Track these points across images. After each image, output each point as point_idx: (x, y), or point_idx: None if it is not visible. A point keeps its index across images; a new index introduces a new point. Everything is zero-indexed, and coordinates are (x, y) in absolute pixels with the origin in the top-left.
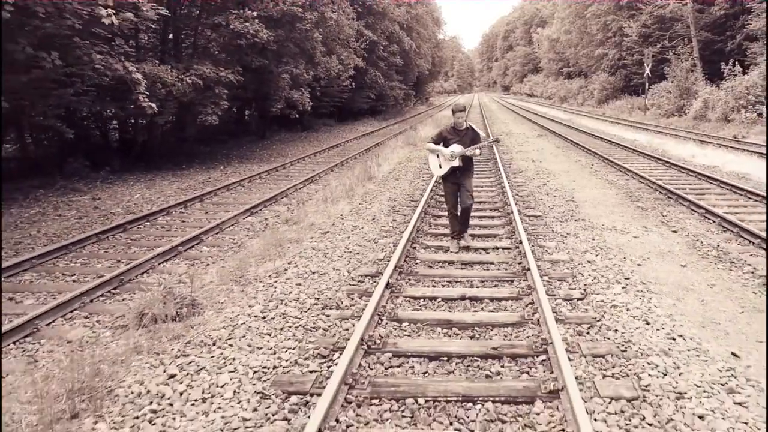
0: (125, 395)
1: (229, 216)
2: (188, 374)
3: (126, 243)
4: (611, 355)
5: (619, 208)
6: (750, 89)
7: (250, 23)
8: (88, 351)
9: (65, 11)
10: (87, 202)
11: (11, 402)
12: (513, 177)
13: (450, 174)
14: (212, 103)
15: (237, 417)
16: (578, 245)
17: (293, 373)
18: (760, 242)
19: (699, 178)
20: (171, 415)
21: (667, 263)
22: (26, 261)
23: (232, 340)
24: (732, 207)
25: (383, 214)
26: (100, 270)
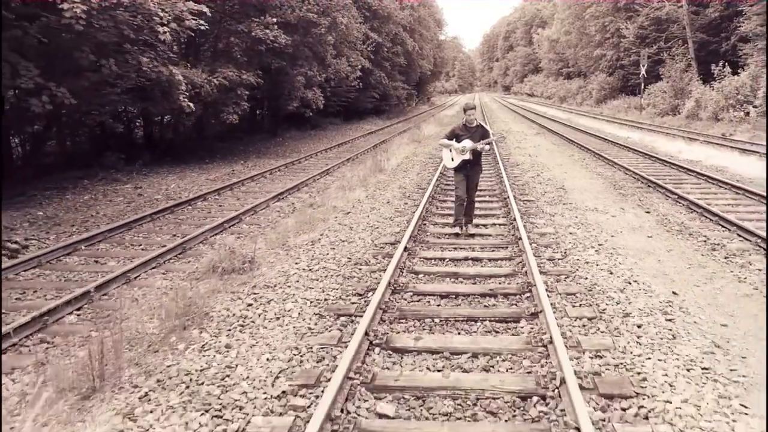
0: (218, 317)
1: (259, 201)
2: (261, 304)
3: (176, 222)
4: (580, 293)
5: (603, 194)
6: (739, 89)
7: (270, 29)
8: (179, 291)
9: (122, 23)
10: (130, 190)
11: (133, 322)
12: (510, 169)
13: (461, 166)
14: (233, 103)
15: (304, 327)
16: (563, 222)
17: (340, 304)
18: (717, 219)
19: (680, 171)
20: (255, 327)
21: (636, 235)
22: (99, 234)
23: (289, 284)
24: (703, 194)
25: (396, 199)
26: (161, 241)
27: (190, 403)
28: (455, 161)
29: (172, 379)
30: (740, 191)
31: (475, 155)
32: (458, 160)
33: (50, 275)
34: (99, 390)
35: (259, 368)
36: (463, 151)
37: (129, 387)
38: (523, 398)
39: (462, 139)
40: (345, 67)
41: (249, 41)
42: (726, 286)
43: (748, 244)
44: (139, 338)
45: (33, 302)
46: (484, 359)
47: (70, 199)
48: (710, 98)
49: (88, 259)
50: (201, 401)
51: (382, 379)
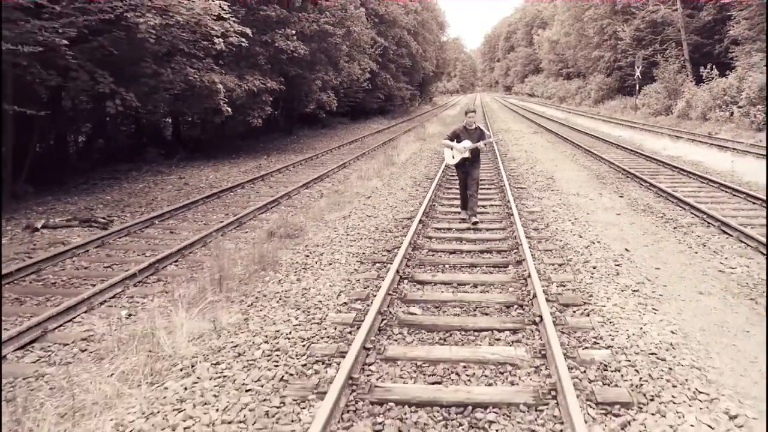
0: (285, 264)
1: (290, 189)
2: (316, 255)
3: (224, 204)
4: (554, 249)
5: (586, 183)
6: (726, 90)
7: (291, 40)
8: (255, 247)
9: (179, 38)
10: (176, 180)
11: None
12: (508, 163)
13: (461, 164)
14: (259, 107)
15: (351, 269)
16: (549, 203)
17: (374, 256)
18: (677, 202)
19: (658, 164)
20: (315, 269)
21: (607, 213)
22: (166, 213)
23: (333, 244)
24: (673, 183)
25: (408, 187)
26: (218, 218)
27: (286, 305)
28: (455, 159)
29: (267, 296)
30: (705, 181)
31: (474, 154)
32: (458, 158)
33: (140, 241)
34: (216, 302)
35: (326, 290)
36: (464, 150)
37: (238, 300)
38: (507, 306)
39: (462, 140)
40: (356, 71)
41: (272, 50)
42: (667, 246)
43: (697, 220)
44: (231, 276)
45: (138, 257)
46: (481, 287)
47: (127, 187)
48: (699, 99)
49: (164, 231)
50: (293, 305)
51: (411, 296)
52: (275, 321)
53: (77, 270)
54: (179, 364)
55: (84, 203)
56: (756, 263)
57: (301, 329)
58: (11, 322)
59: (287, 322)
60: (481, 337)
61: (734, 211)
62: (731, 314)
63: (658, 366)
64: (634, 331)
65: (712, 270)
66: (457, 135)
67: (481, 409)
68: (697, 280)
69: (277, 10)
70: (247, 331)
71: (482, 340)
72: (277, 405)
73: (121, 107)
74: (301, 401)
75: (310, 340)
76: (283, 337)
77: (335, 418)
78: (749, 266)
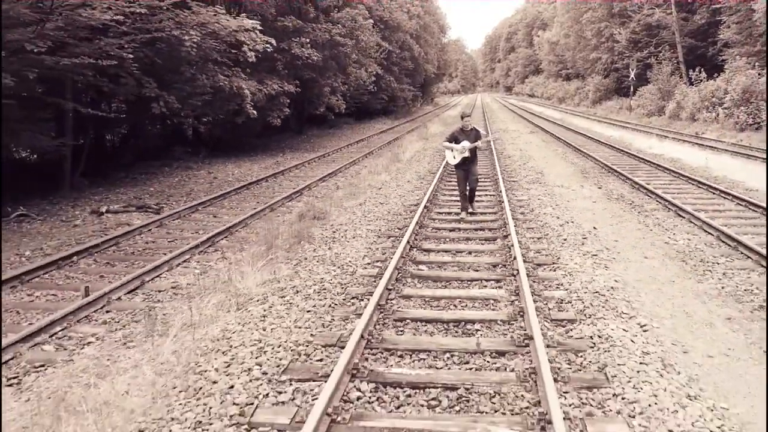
0: (317, 238)
1: (309, 182)
2: (342, 232)
3: (254, 195)
4: (535, 227)
5: (572, 177)
6: (714, 93)
7: (305, 48)
8: (286, 227)
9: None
10: (205, 174)
11: (263, 242)
12: (503, 160)
13: (461, 163)
14: (278, 109)
15: (371, 240)
16: (536, 193)
17: (389, 232)
18: (647, 192)
19: (640, 161)
20: (342, 242)
21: (585, 201)
22: (205, 201)
23: (354, 223)
24: (649, 177)
25: (413, 180)
26: (251, 206)
27: (324, 263)
28: (456, 159)
29: (308, 258)
30: (677, 175)
31: (472, 153)
32: (459, 158)
33: (190, 223)
34: (271, 261)
35: (353, 254)
36: (463, 150)
37: (286, 261)
38: (493, 266)
39: (460, 141)
40: (363, 75)
41: (288, 57)
42: (629, 225)
43: (660, 206)
44: (277, 246)
45: (193, 234)
46: (474, 253)
47: (164, 180)
48: (689, 100)
49: (207, 215)
50: (329, 263)
51: (419, 259)
52: (319, 273)
53: (147, 243)
54: (255, 298)
55: (132, 193)
56: (697, 237)
57: (338, 278)
58: (110, 278)
59: (327, 274)
60: (473, 284)
61: (694, 199)
62: (664, 271)
63: (599, 300)
64: (587, 280)
65: (660, 242)
66: (456, 137)
67: (470, 323)
68: (645, 249)
69: (294, 21)
70: (299, 278)
71: (473, 286)
72: (329, 320)
73: (165, 109)
74: (345, 318)
75: (347, 285)
76: (327, 282)
77: (370, 327)
78: (690, 240)
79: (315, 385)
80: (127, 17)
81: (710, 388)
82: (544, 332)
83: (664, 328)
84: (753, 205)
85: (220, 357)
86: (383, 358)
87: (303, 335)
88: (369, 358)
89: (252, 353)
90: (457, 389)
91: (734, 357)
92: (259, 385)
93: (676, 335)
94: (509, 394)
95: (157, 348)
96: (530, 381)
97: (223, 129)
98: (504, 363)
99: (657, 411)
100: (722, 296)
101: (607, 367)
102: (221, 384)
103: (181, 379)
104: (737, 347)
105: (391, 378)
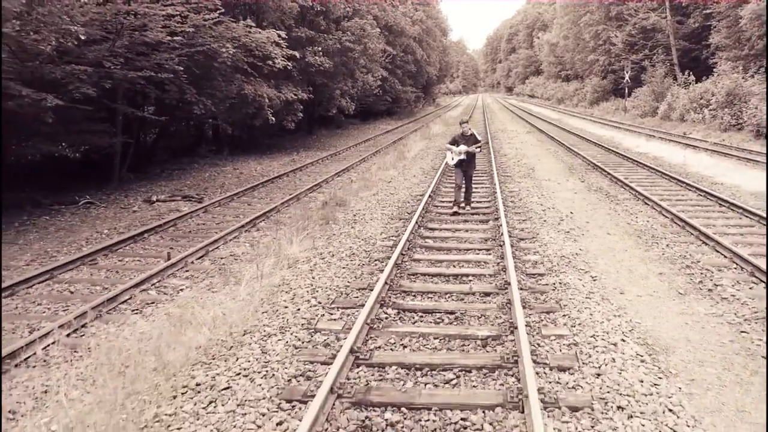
0: (341, 219)
1: (326, 177)
2: (361, 215)
3: (279, 187)
4: (521, 212)
5: (559, 173)
6: (703, 95)
7: (318, 56)
8: (314, 212)
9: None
10: (231, 170)
11: (297, 223)
12: (499, 158)
13: (459, 164)
14: (292, 113)
15: (386, 222)
16: (525, 186)
17: (400, 215)
18: (623, 185)
19: (624, 159)
20: (362, 223)
21: (568, 192)
22: (238, 193)
23: (371, 209)
24: (629, 172)
25: (419, 175)
26: (280, 196)
27: (350, 237)
28: (455, 160)
29: (336, 234)
30: (653, 171)
31: (469, 155)
32: (457, 159)
33: (230, 210)
34: (308, 235)
35: (373, 231)
36: (461, 153)
37: (320, 236)
38: (485, 239)
39: (460, 144)
40: (370, 80)
41: (303, 64)
42: (600, 211)
43: (631, 196)
44: (309, 227)
45: (235, 218)
46: (470, 231)
47: (196, 175)
48: (680, 101)
49: (243, 204)
50: (354, 237)
51: (425, 234)
52: (347, 243)
53: (199, 225)
54: (301, 260)
55: (173, 185)
56: (655, 220)
57: (363, 247)
58: (178, 249)
59: (354, 244)
60: (469, 251)
61: (662, 191)
62: (621, 243)
63: (564, 261)
64: (558, 248)
65: (623, 223)
66: (456, 141)
67: (465, 276)
68: (609, 228)
69: (308, 32)
70: (332, 247)
71: (469, 252)
72: (360, 274)
73: (203, 111)
74: (371, 273)
75: (370, 252)
76: (354, 250)
77: (390, 280)
78: (648, 221)
79: (355, 310)
80: (177, 35)
81: (632, 312)
82: (520, 281)
83: (609, 279)
84: (711, 196)
85: (284, 295)
86: (402, 296)
87: (342, 282)
88: (391, 296)
89: (307, 292)
90: (455, 314)
91: (656, 296)
92: (316, 310)
93: (617, 283)
94: (491, 316)
95: (234, 292)
96: (506, 308)
97: (242, 129)
98: (489, 299)
99: (590, 322)
100: (661, 260)
101: (561, 300)
102: (290, 309)
103: (260, 307)
104: (660, 291)
105: (408, 306)
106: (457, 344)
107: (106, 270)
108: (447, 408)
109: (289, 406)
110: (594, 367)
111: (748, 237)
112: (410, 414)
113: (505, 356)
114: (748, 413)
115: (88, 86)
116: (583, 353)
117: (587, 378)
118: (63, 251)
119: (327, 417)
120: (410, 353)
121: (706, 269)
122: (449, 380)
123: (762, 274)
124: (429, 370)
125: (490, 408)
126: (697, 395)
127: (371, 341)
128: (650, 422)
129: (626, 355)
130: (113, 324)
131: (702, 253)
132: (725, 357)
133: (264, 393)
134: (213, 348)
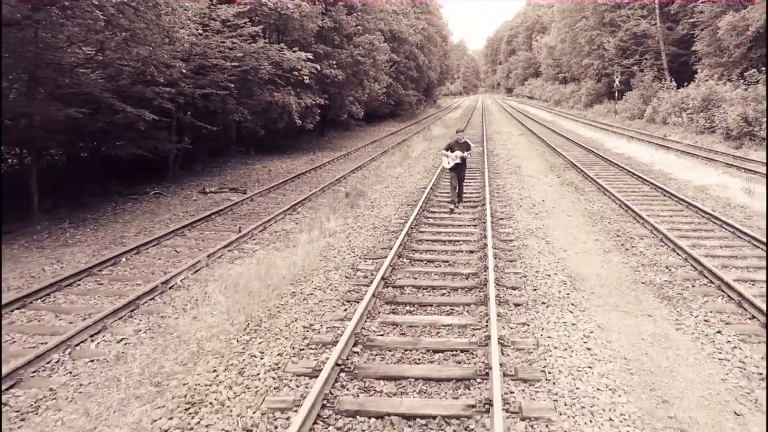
0: (362, 205)
1: (344, 173)
2: (376, 201)
3: (305, 182)
4: (503, 201)
5: (541, 171)
6: (684, 99)
7: (332, 69)
8: (340, 200)
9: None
10: (261, 168)
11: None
12: (492, 158)
13: (453, 167)
14: (311, 117)
15: (397, 207)
16: (510, 181)
17: (407, 202)
18: (592, 181)
19: (601, 159)
20: (379, 208)
21: (543, 185)
22: (274, 186)
23: (385, 198)
24: (601, 170)
25: (422, 172)
26: (308, 188)
27: (371, 218)
28: (450, 164)
29: (359, 216)
30: (621, 168)
31: (462, 160)
32: (452, 163)
33: (271, 199)
34: (340, 215)
35: (387, 213)
36: (455, 158)
37: (348, 217)
38: (473, 219)
39: (455, 149)
40: (376, 88)
41: (320, 76)
42: (566, 200)
43: (596, 189)
44: (339, 209)
45: (277, 205)
46: (463, 213)
47: (232, 172)
48: (663, 105)
49: (279, 195)
50: (374, 217)
51: (428, 216)
52: (370, 220)
53: (249, 210)
54: (338, 231)
55: (217, 180)
56: (608, 206)
57: (382, 223)
58: (242, 226)
59: (375, 221)
60: (460, 227)
61: (623, 185)
62: (575, 222)
63: (529, 233)
64: (526, 225)
65: (582, 208)
66: (451, 147)
67: (456, 242)
68: (570, 211)
69: (324, 47)
70: (359, 223)
71: (460, 228)
72: (381, 239)
73: (241, 118)
74: (389, 239)
75: (387, 226)
76: (375, 225)
77: (403, 243)
78: (602, 207)
79: (381, 260)
80: (228, 59)
81: (568, 261)
82: (494, 244)
83: (558, 242)
84: (659, 189)
85: (332, 251)
86: (412, 252)
87: (369, 244)
88: (405, 252)
89: (348, 249)
90: (448, 261)
91: (588, 253)
92: (356, 259)
93: (563, 245)
94: (472, 263)
95: (293, 252)
96: (483, 259)
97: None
98: (472, 254)
99: (537, 266)
100: (601, 232)
101: (521, 254)
102: (338, 258)
103: (318, 257)
104: (593, 250)
105: (417, 258)
106: (449, 277)
107: (194, 239)
108: (443, 305)
109: (348, 304)
110: (533, 287)
111: (674, 218)
112: (420, 308)
113: (479, 283)
114: (621, 309)
115: (167, 101)
116: (528, 280)
117: (528, 292)
118: (156, 228)
119: (372, 307)
120: (419, 281)
121: (631, 237)
122: (444, 293)
123: (669, 241)
124: (431, 289)
125: (467, 304)
126: (592, 299)
127: (393, 275)
128: (559, 311)
129: (555, 281)
130: (218, 269)
131: (633, 228)
132: (619, 283)
133: (332, 297)
134: (294, 277)
